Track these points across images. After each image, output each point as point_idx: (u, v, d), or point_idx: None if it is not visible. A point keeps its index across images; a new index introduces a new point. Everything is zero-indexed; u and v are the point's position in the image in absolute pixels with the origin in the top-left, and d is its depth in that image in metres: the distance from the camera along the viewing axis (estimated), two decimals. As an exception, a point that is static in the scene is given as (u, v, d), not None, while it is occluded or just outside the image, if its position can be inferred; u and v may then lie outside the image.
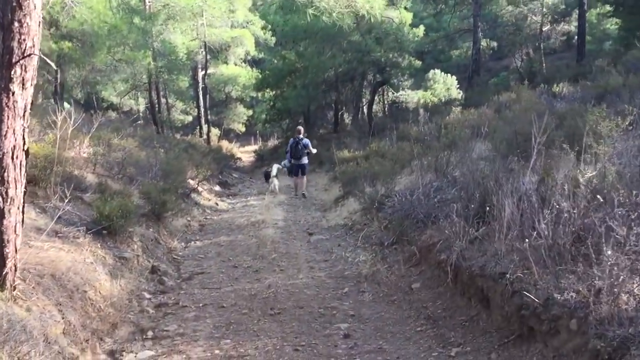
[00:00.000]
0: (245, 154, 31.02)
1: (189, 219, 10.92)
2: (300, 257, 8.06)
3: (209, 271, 7.61)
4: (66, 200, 6.78)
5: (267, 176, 14.40)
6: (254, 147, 34.06)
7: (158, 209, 9.20)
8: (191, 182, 13.02)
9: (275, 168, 14.54)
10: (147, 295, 6.52)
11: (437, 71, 28.11)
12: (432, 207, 7.64)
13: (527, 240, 4.30)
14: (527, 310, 3.99)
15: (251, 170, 23.54)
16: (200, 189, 13.50)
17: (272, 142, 32.00)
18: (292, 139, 14.60)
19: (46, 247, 6.15)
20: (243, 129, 37.80)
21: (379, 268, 6.95)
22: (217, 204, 13.13)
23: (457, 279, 5.43)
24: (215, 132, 32.85)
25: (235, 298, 6.32)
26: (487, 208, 5.28)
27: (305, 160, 13.94)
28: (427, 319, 5.20)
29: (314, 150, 14.22)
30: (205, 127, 28.71)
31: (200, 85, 27.98)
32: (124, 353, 4.95)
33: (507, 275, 4.40)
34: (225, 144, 30.71)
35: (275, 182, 14.34)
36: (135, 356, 4.89)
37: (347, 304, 5.98)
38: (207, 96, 29.13)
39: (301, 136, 14.14)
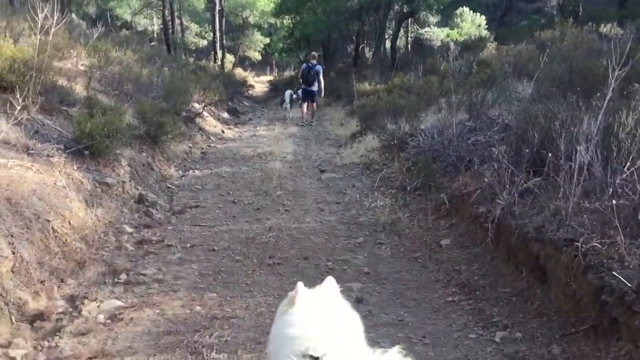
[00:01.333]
0: (260, 84, 29.54)
1: (190, 145, 9.86)
2: (309, 196, 7.00)
3: (204, 205, 6.59)
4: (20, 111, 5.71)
5: (282, 104, 13.95)
6: (270, 77, 32.54)
7: (154, 131, 8.11)
8: (197, 105, 11.86)
9: (288, 94, 14.08)
10: (129, 229, 5.52)
11: (466, 9, 26.11)
12: (466, 150, 6.51)
13: (612, 199, 3.17)
14: (610, 296, 2.91)
15: (264, 100, 22.24)
16: (206, 114, 12.36)
17: (288, 73, 30.49)
18: (304, 64, 14.04)
19: (10, 165, 5.11)
20: (259, 58, 36.10)
21: (400, 216, 5.88)
22: (223, 131, 12.02)
23: (500, 240, 4.35)
24: (230, 58, 31.34)
25: (229, 240, 5.30)
26: (549, 155, 4.11)
27: (315, 87, 13.25)
28: (461, 286, 4.15)
29: (322, 82, 13.53)
30: (219, 53, 27.24)
31: (217, 7, 26.26)
32: (85, 300, 3.97)
33: (578, 244, 3.29)
34: (239, 71, 29.35)
35: (288, 108, 13.96)
36: (98, 306, 3.91)
37: (361, 257, 4.95)
38: (224, 20, 27.49)
39: (314, 62, 13.48)
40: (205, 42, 33.24)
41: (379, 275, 4.52)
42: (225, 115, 14.15)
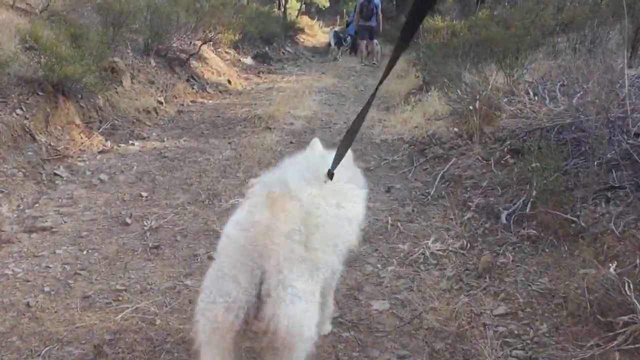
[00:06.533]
0: (326, 34, 25.44)
1: (161, 99, 6.29)
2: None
3: (64, 226, 3.03)
4: None
5: (329, 47, 13.19)
6: (337, 27, 28.29)
7: (58, 72, 4.57)
8: (199, 44, 8.21)
9: (332, 33, 13.09)
10: None
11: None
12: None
13: None
14: None
15: (321, 49, 18.23)
16: (211, 56, 8.69)
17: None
18: None
19: None
20: (326, 4, 31.79)
21: (483, 314, 2.03)
22: (229, 81, 8.26)
23: None
24: (295, 5, 27.37)
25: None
26: None
27: (374, 22, 11.33)
28: None
29: (381, 17, 11.77)
30: (283, -1, 23.46)
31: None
32: None
33: None
34: (305, 19, 25.45)
35: (335, 49, 12.71)
36: None
37: None
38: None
39: None
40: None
41: None
42: (248, 60, 10.37)
